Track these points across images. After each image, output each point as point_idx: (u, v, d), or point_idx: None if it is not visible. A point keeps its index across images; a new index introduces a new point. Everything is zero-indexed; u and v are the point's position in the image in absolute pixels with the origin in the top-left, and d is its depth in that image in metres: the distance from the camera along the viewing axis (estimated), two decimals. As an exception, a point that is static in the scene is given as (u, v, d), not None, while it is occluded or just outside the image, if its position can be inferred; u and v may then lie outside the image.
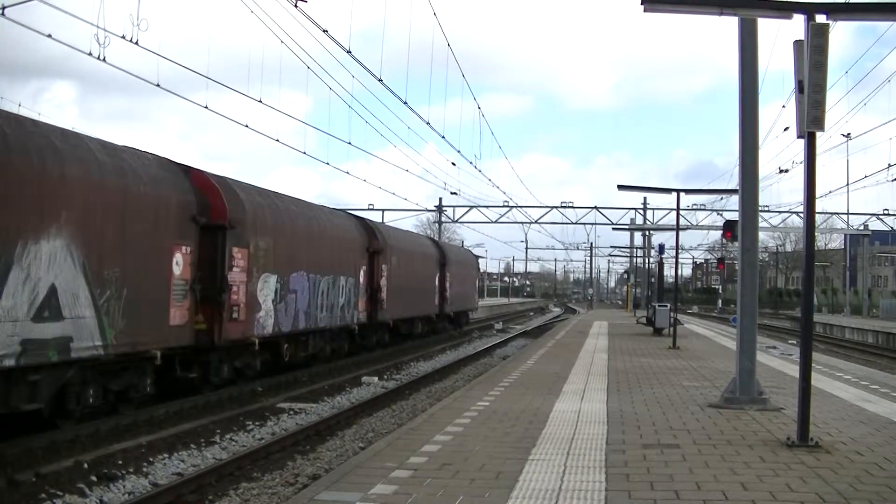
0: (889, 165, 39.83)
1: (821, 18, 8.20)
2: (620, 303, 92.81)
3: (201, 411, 14.01)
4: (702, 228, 60.10)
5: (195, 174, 14.78)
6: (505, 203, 55.25)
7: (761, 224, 35.47)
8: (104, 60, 14.95)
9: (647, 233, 56.50)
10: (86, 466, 9.96)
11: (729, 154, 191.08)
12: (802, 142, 8.40)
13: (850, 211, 55.46)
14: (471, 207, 58.15)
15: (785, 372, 15.70)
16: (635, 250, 62.30)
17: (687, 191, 28.08)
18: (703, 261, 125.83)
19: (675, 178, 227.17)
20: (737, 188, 11.61)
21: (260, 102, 20.80)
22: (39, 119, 13.14)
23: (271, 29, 44.95)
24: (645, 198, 55.75)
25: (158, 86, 17.19)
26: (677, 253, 31.89)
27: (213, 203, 14.68)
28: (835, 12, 8.47)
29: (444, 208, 59.51)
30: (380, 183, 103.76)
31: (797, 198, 50.50)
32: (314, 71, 33.22)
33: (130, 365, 12.57)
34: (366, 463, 7.45)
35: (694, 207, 53.92)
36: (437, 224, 60.97)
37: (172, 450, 11.11)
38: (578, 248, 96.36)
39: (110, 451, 10.72)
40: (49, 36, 15.14)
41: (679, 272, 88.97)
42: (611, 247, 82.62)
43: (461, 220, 61.09)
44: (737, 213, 11.58)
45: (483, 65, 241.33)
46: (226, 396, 15.31)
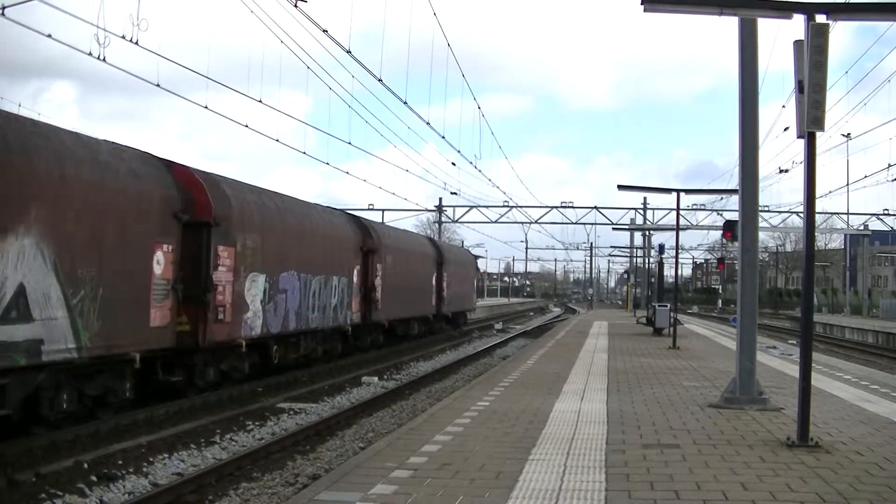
0: (889, 165, 39.87)
1: (821, 18, 8.21)
2: (620, 303, 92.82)
3: (201, 411, 13.99)
4: (702, 228, 60.20)
5: (178, 169, 14.25)
6: (505, 203, 55.34)
7: (761, 224, 35.46)
8: (104, 60, 14.95)
9: (647, 233, 56.51)
10: (86, 466, 9.95)
11: (729, 154, 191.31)
12: (802, 142, 8.41)
13: (850, 211, 55.55)
14: (471, 207, 58.22)
15: (785, 372, 15.70)
16: (635, 250, 62.37)
17: (687, 191, 28.11)
18: (703, 261, 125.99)
19: (675, 178, 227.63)
20: (737, 188, 11.61)
21: (260, 102, 20.84)
22: (39, 119, 13.10)
23: (271, 29, 44.96)
24: (645, 198, 55.85)
25: (158, 86, 17.21)
26: (677, 253, 31.93)
27: (198, 199, 14.18)
28: (835, 12, 8.47)
29: (444, 208, 59.57)
30: (380, 183, 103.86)
31: (797, 198, 50.54)
32: (314, 71, 33.31)
33: (107, 368, 12.06)
34: (366, 463, 7.45)
35: (694, 207, 54.02)
36: (437, 224, 61.00)
37: (172, 450, 11.10)
38: (578, 248, 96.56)
39: (110, 451, 10.72)
40: (49, 36, 15.15)
41: (679, 272, 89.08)
42: (611, 247, 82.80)
43: (461, 220, 61.16)
44: (737, 213, 11.58)
45: (483, 65, 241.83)
46: (226, 396, 15.30)
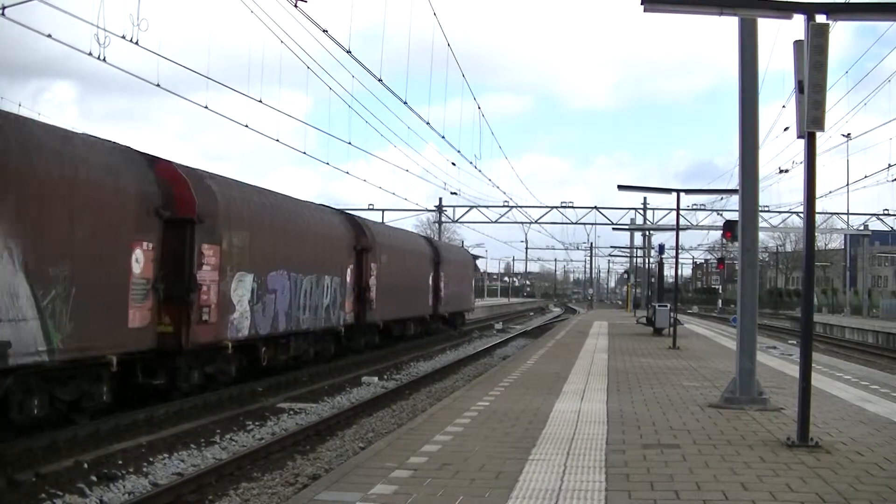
0: (889, 165, 39.88)
1: (821, 18, 8.21)
2: (620, 303, 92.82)
3: (201, 411, 13.99)
4: (702, 228, 60.22)
5: (160, 164, 13.65)
6: (505, 203, 55.35)
7: (761, 224, 35.46)
8: (104, 60, 14.94)
9: (647, 233, 56.52)
10: (86, 466, 9.95)
11: (729, 154, 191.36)
12: (802, 142, 8.41)
13: (850, 211, 55.55)
14: (471, 207, 58.23)
15: (785, 372, 15.70)
16: (635, 250, 62.38)
17: (687, 191, 28.11)
18: (703, 261, 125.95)
19: (675, 178, 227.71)
20: (737, 188, 11.61)
21: (260, 102, 20.82)
22: (39, 119, 13.06)
23: (271, 29, 45.01)
24: (645, 198, 55.87)
25: (158, 86, 17.19)
26: (677, 253, 31.94)
27: (180, 195, 13.57)
28: (835, 12, 8.48)
29: (444, 208, 59.58)
30: (380, 183, 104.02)
31: (797, 198, 50.55)
32: (314, 71, 33.32)
33: (83, 371, 11.45)
34: (366, 463, 7.45)
35: (694, 207, 54.05)
36: (437, 224, 61.02)
37: (172, 450, 11.11)
38: (578, 248, 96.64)
39: (110, 451, 10.72)
40: (49, 36, 15.14)
41: (679, 272, 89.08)
42: (611, 247, 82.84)
43: (461, 220, 61.17)
44: (737, 213, 11.58)
45: (483, 65, 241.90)
46: (226, 396, 15.29)
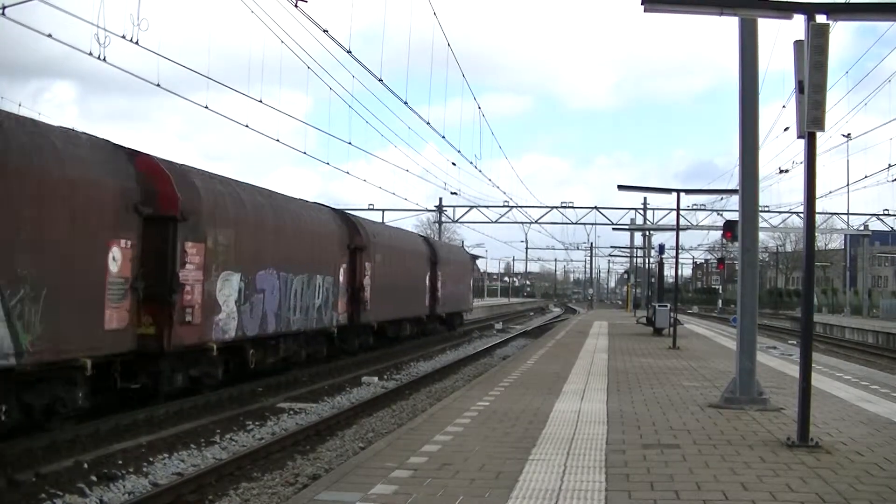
0: (889, 165, 39.87)
1: (821, 18, 8.21)
2: (620, 303, 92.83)
3: (201, 411, 13.99)
4: (702, 228, 60.24)
5: (141, 159, 13.03)
6: (505, 203, 55.38)
7: (761, 224, 35.43)
8: (104, 60, 14.94)
9: (647, 233, 56.53)
10: (86, 466, 9.95)
11: (729, 154, 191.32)
12: (802, 142, 8.41)
13: (850, 211, 55.53)
14: (471, 207, 58.26)
15: (785, 372, 15.70)
16: (635, 250, 62.41)
17: (687, 191, 28.15)
18: (703, 261, 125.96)
19: (675, 178, 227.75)
20: (737, 188, 11.61)
21: (260, 102, 20.82)
22: (39, 119, 13.03)
23: (271, 29, 45.07)
24: (645, 198, 55.91)
25: (158, 86, 17.19)
26: (677, 253, 31.95)
27: (162, 191, 13.01)
28: (835, 12, 8.48)
29: (445, 208, 59.61)
30: (380, 183, 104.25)
31: (797, 198, 50.56)
32: (314, 71, 33.28)
33: (55, 375, 10.90)
34: (366, 463, 7.45)
35: (694, 207, 54.11)
36: (438, 224, 61.03)
37: (172, 450, 11.11)
38: (578, 248, 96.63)
39: (110, 451, 10.72)
40: (49, 36, 15.14)
41: (679, 272, 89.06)
42: (611, 247, 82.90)
43: (461, 220, 61.21)
44: (737, 213, 11.59)
45: (483, 65, 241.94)
46: (226, 396, 15.29)
